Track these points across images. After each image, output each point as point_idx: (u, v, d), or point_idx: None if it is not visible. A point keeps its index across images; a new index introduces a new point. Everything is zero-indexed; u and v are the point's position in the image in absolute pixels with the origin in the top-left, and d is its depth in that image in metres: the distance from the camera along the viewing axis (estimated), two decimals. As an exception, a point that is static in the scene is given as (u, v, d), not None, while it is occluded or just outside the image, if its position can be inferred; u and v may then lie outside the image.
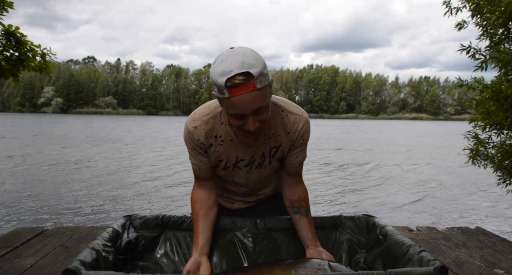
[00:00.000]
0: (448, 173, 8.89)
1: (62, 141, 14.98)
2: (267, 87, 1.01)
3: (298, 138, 1.22)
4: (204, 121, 1.19)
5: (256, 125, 1.03)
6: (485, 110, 2.76)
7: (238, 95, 0.96)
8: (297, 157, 1.27)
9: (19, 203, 5.27)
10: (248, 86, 0.95)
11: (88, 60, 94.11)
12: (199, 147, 1.21)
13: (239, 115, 1.02)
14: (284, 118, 1.20)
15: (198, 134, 1.19)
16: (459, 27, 3.02)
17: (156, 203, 5.50)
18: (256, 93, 0.97)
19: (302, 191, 1.33)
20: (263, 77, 0.98)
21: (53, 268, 1.54)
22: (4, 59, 3.53)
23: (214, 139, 1.20)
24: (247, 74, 0.95)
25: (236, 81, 0.94)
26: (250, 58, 0.97)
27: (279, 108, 1.20)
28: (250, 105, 0.98)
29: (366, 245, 1.34)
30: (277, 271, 1.06)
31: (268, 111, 1.05)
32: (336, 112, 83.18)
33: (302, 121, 1.21)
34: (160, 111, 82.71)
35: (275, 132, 1.21)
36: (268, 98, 1.03)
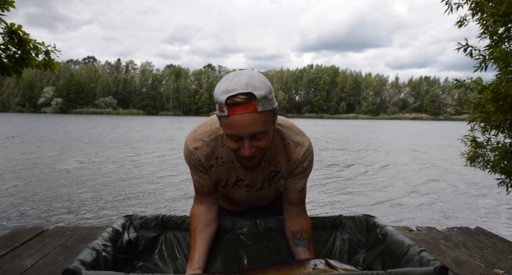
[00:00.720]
0: (448, 173, 8.89)
1: (63, 142, 14.98)
2: (270, 112, 0.98)
3: (298, 166, 1.19)
4: (205, 142, 1.16)
5: (252, 150, 0.99)
6: (484, 111, 2.76)
7: (237, 114, 0.93)
8: (297, 184, 1.23)
9: (19, 203, 5.27)
10: (248, 106, 0.92)
11: (88, 60, 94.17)
12: (200, 166, 1.19)
13: (236, 137, 0.98)
14: (285, 145, 1.17)
15: (198, 155, 1.16)
16: (459, 24, 3.01)
17: (156, 203, 5.50)
18: (256, 115, 0.94)
19: (305, 222, 1.27)
20: (266, 101, 0.95)
21: (53, 268, 1.54)
22: (6, 57, 3.54)
23: (215, 161, 1.18)
24: (249, 94, 0.92)
25: (237, 100, 0.92)
26: (256, 80, 0.95)
27: (281, 135, 1.17)
28: (248, 126, 0.95)
29: (366, 245, 1.34)
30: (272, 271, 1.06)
31: (267, 138, 1.01)
32: (336, 112, 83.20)
33: (302, 150, 1.18)
34: (160, 111, 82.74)
35: (276, 158, 1.18)
36: (269, 125, 0.99)
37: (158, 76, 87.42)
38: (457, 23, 3.01)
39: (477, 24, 2.81)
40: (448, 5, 3.01)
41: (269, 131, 1.00)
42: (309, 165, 1.21)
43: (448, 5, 3.01)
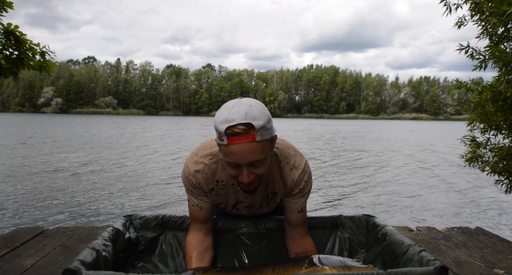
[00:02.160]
0: (448, 173, 8.89)
1: (63, 142, 14.98)
2: (268, 141, 1.01)
3: (294, 187, 1.20)
4: (207, 165, 1.17)
5: (250, 177, 1.02)
6: (484, 112, 2.77)
7: (237, 144, 0.96)
8: (295, 204, 1.23)
9: (19, 203, 5.27)
10: (247, 136, 0.95)
11: (88, 60, 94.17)
12: (199, 189, 1.19)
13: (235, 164, 1.01)
14: (281, 168, 1.19)
15: (199, 178, 1.17)
16: (459, 25, 3.01)
17: (156, 203, 5.50)
18: (255, 145, 0.96)
19: (308, 243, 1.26)
20: (264, 130, 0.98)
21: (53, 268, 1.54)
22: (3, 58, 3.53)
23: (215, 184, 1.19)
24: (248, 125, 0.95)
25: (236, 130, 0.95)
26: (255, 110, 0.98)
27: (277, 158, 1.19)
28: (246, 156, 0.97)
29: (366, 244, 1.34)
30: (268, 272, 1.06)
31: (265, 165, 1.03)
32: (336, 112, 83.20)
33: (297, 173, 1.19)
34: (160, 111, 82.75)
35: (273, 180, 1.20)
36: (267, 152, 1.01)
37: (158, 76, 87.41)
38: (456, 24, 3.02)
39: (474, 24, 2.81)
40: (446, 6, 3.02)
41: (267, 158, 1.03)
42: (306, 186, 1.21)
43: (446, 6, 3.02)
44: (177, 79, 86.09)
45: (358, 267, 1.02)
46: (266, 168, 1.04)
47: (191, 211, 1.25)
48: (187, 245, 1.24)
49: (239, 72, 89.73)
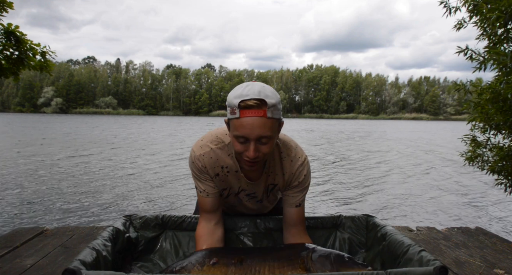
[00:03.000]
0: (448, 173, 8.89)
1: (63, 142, 14.98)
2: (277, 122, 1.07)
3: (293, 179, 1.24)
4: (212, 150, 1.21)
5: (256, 154, 1.06)
6: (484, 112, 2.77)
7: (248, 117, 1.01)
8: (293, 198, 1.25)
9: (19, 203, 5.27)
10: (259, 111, 1.01)
11: (88, 60, 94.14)
12: (205, 173, 1.23)
13: (243, 138, 1.04)
14: (282, 159, 1.24)
15: (204, 161, 1.21)
16: (458, 27, 3.02)
17: (156, 203, 5.50)
18: (265, 120, 1.02)
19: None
20: (275, 109, 1.04)
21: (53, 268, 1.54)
22: (4, 58, 3.53)
23: (220, 170, 1.23)
24: (261, 100, 1.01)
25: (250, 103, 1.01)
26: (268, 90, 1.05)
27: (279, 149, 1.23)
28: (256, 129, 1.02)
29: (366, 244, 1.34)
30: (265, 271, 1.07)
31: (271, 144, 1.07)
32: (336, 112, 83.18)
33: (297, 164, 1.23)
34: (160, 111, 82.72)
35: (274, 170, 1.24)
36: (274, 132, 1.06)
37: (158, 76, 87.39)
38: (455, 26, 3.03)
39: (474, 26, 2.82)
40: (446, 7, 3.03)
41: (273, 137, 1.07)
42: (305, 180, 1.24)
43: (446, 7, 3.03)
44: (177, 79, 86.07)
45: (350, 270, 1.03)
46: (271, 148, 1.08)
47: (200, 200, 1.27)
48: (198, 237, 1.24)
49: (239, 72, 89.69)
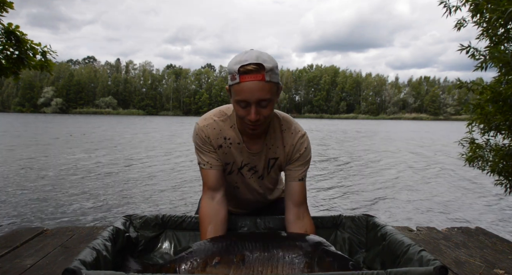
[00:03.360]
0: (449, 173, 8.89)
1: (63, 142, 14.98)
2: (275, 85, 1.12)
3: (294, 152, 1.27)
4: (215, 121, 1.26)
5: (257, 116, 1.10)
6: (483, 113, 2.77)
7: (248, 81, 1.06)
8: (295, 172, 1.28)
9: (19, 203, 5.27)
10: (258, 75, 1.06)
11: (88, 60, 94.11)
12: (208, 144, 1.26)
13: (244, 102, 1.09)
14: (283, 131, 1.27)
15: (208, 132, 1.25)
16: (458, 26, 3.02)
17: (156, 202, 5.50)
18: (264, 84, 1.07)
19: (308, 225, 1.28)
20: (273, 73, 1.09)
21: (53, 268, 1.54)
22: (4, 58, 3.54)
23: (223, 141, 1.26)
24: (259, 65, 1.06)
25: (249, 68, 1.06)
26: (266, 56, 1.10)
27: (279, 121, 1.28)
28: (256, 92, 1.07)
29: (366, 244, 1.34)
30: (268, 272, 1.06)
31: (270, 108, 1.12)
32: (336, 112, 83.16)
33: (297, 137, 1.27)
34: (160, 111, 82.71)
35: (274, 143, 1.27)
36: (273, 96, 1.11)
37: (158, 76, 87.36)
38: (456, 26, 3.03)
39: (474, 26, 2.82)
40: (446, 7, 3.03)
41: (273, 100, 1.12)
42: (306, 153, 1.28)
43: (446, 7, 3.03)
44: (177, 79, 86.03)
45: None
46: (271, 111, 1.13)
47: (203, 174, 1.28)
48: (202, 216, 1.25)
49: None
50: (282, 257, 1.07)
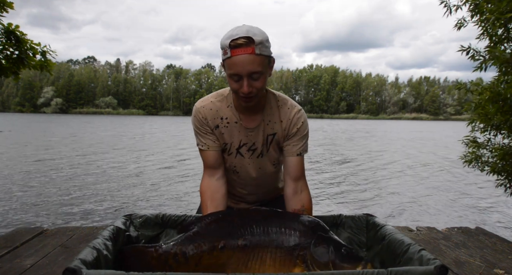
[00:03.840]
0: (449, 173, 8.89)
1: (64, 142, 14.98)
2: (266, 58, 1.14)
3: (291, 126, 1.30)
4: (212, 102, 1.31)
5: (250, 89, 1.14)
6: (484, 112, 2.77)
7: (239, 55, 1.09)
8: (294, 146, 1.31)
9: (19, 203, 5.27)
10: (248, 48, 1.09)
11: (88, 60, 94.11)
12: (206, 125, 1.30)
13: (237, 76, 1.13)
14: (279, 107, 1.31)
15: (205, 112, 1.29)
16: (459, 26, 3.03)
17: (156, 202, 5.50)
18: (254, 57, 1.10)
19: (306, 200, 1.31)
20: (263, 46, 1.11)
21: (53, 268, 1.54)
22: (4, 58, 3.54)
23: (220, 121, 1.30)
24: (249, 38, 1.09)
25: (239, 42, 1.09)
26: (256, 29, 1.13)
27: (275, 98, 1.32)
28: (246, 65, 1.10)
29: (366, 244, 1.34)
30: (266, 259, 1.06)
31: (263, 80, 1.15)
32: (336, 112, 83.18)
33: (294, 111, 1.31)
34: (160, 111, 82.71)
35: (272, 119, 1.30)
36: (265, 68, 1.14)
37: (158, 76, 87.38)
38: (456, 26, 3.03)
39: (475, 25, 2.82)
40: (446, 7, 3.04)
41: (264, 73, 1.15)
42: (303, 127, 1.31)
43: (446, 7, 3.04)
44: (177, 79, 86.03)
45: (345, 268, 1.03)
46: (263, 83, 1.16)
47: (202, 155, 1.33)
48: (202, 192, 1.30)
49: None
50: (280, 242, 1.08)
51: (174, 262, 1.08)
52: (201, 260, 1.07)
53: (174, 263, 1.08)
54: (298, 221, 1.14)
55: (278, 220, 1.14)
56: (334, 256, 1.05)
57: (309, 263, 1.05)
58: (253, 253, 1.07)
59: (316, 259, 1.05)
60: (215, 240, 1.09)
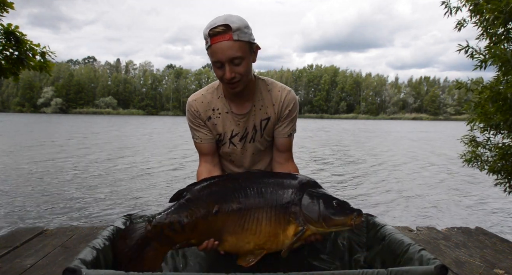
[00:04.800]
0: (449, 173, 8.89)
1: (63, 141, 14.98)
2: (246, 44, 1.18)
3: (283, 108, 1.35)
4: (203, 95, 1.36)
5: (232, 74, 1.18)
6: (483, 112, 2.77)
7: (217, 42, 1.14)
8: (284, 128, 1.36)
9: (19, 203, 5.27)
10: (226, 35, 1.13)
11: (88, 60, 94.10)
12: (199, 118, 1.35)
13: (219, 63, 1.18)
14: (270, 91, 1.36)
15: (197, 105, 1.34)
16: (459, 27, 3.03)
17: (156, 202, 5.50)
18: (232, 42, 1.14)
19: (294, 168, 1.39)
20: (241, 32, 1.15)
21: (53, 268, 1.54)
22: (4, 58, 3.53)
23: (212, 112, 1.35)
24: (226, 26, 1.13)
25: (217, 30, 1.14)
26: (234, 17, 1.17)
27: (265, 83, 1.37)
28: (226, 51, 1.14)
29: (366, 244, 1.34)
30: (263, 219, 1.07)
31: (245, 65, 1.19)
32: (336, 112, 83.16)
33: (285, 93, 1.35)
34: (160, 111, 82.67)
35: (264, 104, 1.35)
36: (245, 53, 1.18)
37: (158, 76, 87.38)
38: (457, 26, 3.04)
39: (474, 26, 2.83)
40: (447, 7, 3.04)
41: (245, 58, 1.18)
42: (294, 107, 1.36)
43: (447, 7, 3.04)
44: (177, 79, 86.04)
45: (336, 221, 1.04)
46: (245, 68, 1.19)
47: (196, 147, 1.40)
48: (198, 175, 1.36)
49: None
50: (274, 200, 1.09)
51: (169, 231, 1.08)
52: (197, 226, 1.07)
53: (170, 232, 1.08)
54: (289, 179, 1.15)
55: (271, 180, 1.14)
56: (324, 211, 1.06)
57: (301, 219, 1.07)
58: (248, 215, 1.07)
59: (306, 214, 1.07)
60: (209, 205, 1.08)
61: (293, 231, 1.06)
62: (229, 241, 1.08)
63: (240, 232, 1.06)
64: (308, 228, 1.06)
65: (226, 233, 1.07)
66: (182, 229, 1.07)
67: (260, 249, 1.08)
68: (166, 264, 1.32)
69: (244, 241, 1.07)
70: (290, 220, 1.07)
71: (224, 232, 1.07)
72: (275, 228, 1.06)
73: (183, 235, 1.08)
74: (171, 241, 1.09)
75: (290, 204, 1.08)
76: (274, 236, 1.07)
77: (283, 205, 1.08)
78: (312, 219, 1.06)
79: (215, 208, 1.08)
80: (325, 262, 1.34)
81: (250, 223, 1.06)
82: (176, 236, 1.08)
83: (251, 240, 1.07)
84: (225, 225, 1.07)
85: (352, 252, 1.35)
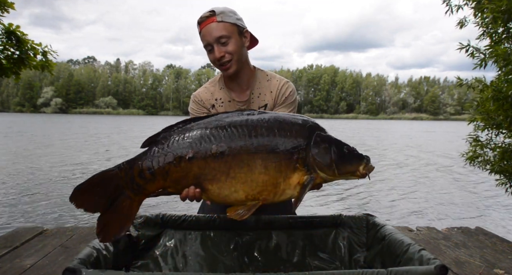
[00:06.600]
0: (449, 173, 8.89)
1: (63, 141, 14.98)
2: (232, 25, 1.28)
3: (280, 96, 1.43)
4: (206, 87, 1.49)
5: (221, 53, 1.28)
6: (485, 111, 2.77)
7: (204, 27, 1.28)
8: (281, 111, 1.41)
9: (19, 203, 5.26)
10: (210, 19, 1.27)
11: (88, 60, 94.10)
12: (203, 107, 1.43)
13: (209, 46, 1.28)
14: (268, 81, 1.46)
15: (201, 96, 1.45)
16: (461, 25, 3.03)
17: (156, 202, 5.50)
18: (216, 24, 1.26)
19: None
20: (225, 15, 1.27)
21: (53, 268, 1.54)
22: (5, 58, 3.53)
23: (215, 101, 1.45)
24: (211, 11, 1.27)
25: (203, 16, 1.28)
26: (221, 6, 1.29)
27: (265, 73, 1.47)
28: (212, 32, 1.26)
29: (366, 244, 1.34)
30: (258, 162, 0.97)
31: (233, 44, 1.28)
32: (336, 112, 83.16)
33: (282, 82, 1.45)
34: (160, 111, 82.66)
35: (262, 92, 1.44)
36: (231, 34, 1.27)
37: (158, 76, 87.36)
38: (458, 24, 3.04)
39: (476, 26, 2.83)
40: (448, 6, 3.04)
41: (232, 38, 1.28)
42: (291, 95, 1.44)
43: (448, 6, 3.04)
44: (177, 79, 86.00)
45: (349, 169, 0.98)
46: (234, 47, 1.29)
47: None
48: None
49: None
50: (274, 145, 0.97)
51: (140, 179, 0.98)
52: (169, 174, 0.97)
53: (141, 180, 0.98)
54: (292, 120, 1.03)
55: (269, 121, 1.01)
56: (336, 156, 0.97)
57: (310, 165, 0.97)
58: (235, 161, 0.96)
59: (318, 160, 0.97)
60: (182, 150, 0.97)
61: (298, 179, 0.97)
62: (211, 190, 0.98)
63: (224, 180, 0.96)
64: (318, 176, 0.97)
65: (206, 181, 0.97)
66: (153, 176, 0.97)
67: (254, 199, 0.98)
68: (166, 264, 1.32)
69: (230, 190, 0.97)
70: (297, 167, 0.97)
71: (203, 179, 0.97)
72: (275, 176, 0.96)
73: (155, 183, 0.98)
74: (144, 189, 0.99)
75: (297, 149, 0.97)
76: (273, 186, 0.97)
77: (287, 151, 0.97)
78: (324, 165, 0.97)
79: (189, 154, 0.97)
80: (325, 262, 1.34)
81: (237, 170, 0.96)
82: (148, 184, 0.98)
83: (239, 189, 0.97)
84: (204, 173, 0.97)
85: (352, 252, 1.35)
